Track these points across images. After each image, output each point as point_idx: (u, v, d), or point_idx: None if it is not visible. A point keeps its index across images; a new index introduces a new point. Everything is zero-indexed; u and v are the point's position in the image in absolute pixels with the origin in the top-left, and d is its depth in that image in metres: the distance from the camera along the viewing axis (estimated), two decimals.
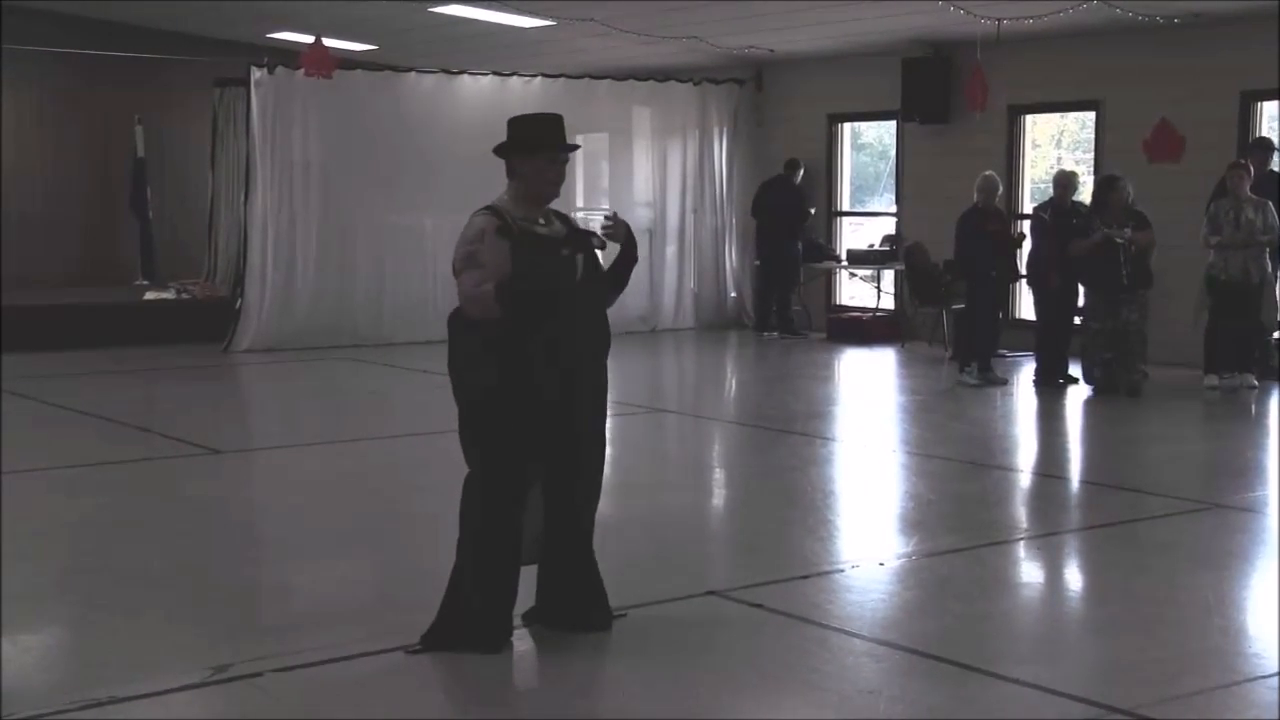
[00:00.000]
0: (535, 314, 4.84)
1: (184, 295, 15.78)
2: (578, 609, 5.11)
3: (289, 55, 15.13)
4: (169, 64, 17.25)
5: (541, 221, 5.00)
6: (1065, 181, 11.93)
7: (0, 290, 14.68)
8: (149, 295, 15.79)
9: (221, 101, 16.54)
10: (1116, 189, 11.31)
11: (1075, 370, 11.99)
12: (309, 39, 14.03)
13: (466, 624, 4.93)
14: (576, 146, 5.23)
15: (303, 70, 13.85)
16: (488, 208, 4.97)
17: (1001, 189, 12.36)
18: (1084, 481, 8.44)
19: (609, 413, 5.17)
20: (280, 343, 14.29)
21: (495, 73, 15.56)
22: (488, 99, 14.93)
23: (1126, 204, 11.31)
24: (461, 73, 15.42)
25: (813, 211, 16.03)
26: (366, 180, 14.69)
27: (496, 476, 4.90)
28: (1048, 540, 6.86)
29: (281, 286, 14.47)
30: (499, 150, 5.06)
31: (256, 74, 14.25)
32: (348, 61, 15.80)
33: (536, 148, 4.99)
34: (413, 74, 15.33)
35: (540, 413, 4.88)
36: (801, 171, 15.81)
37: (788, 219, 15.57)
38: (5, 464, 8.34)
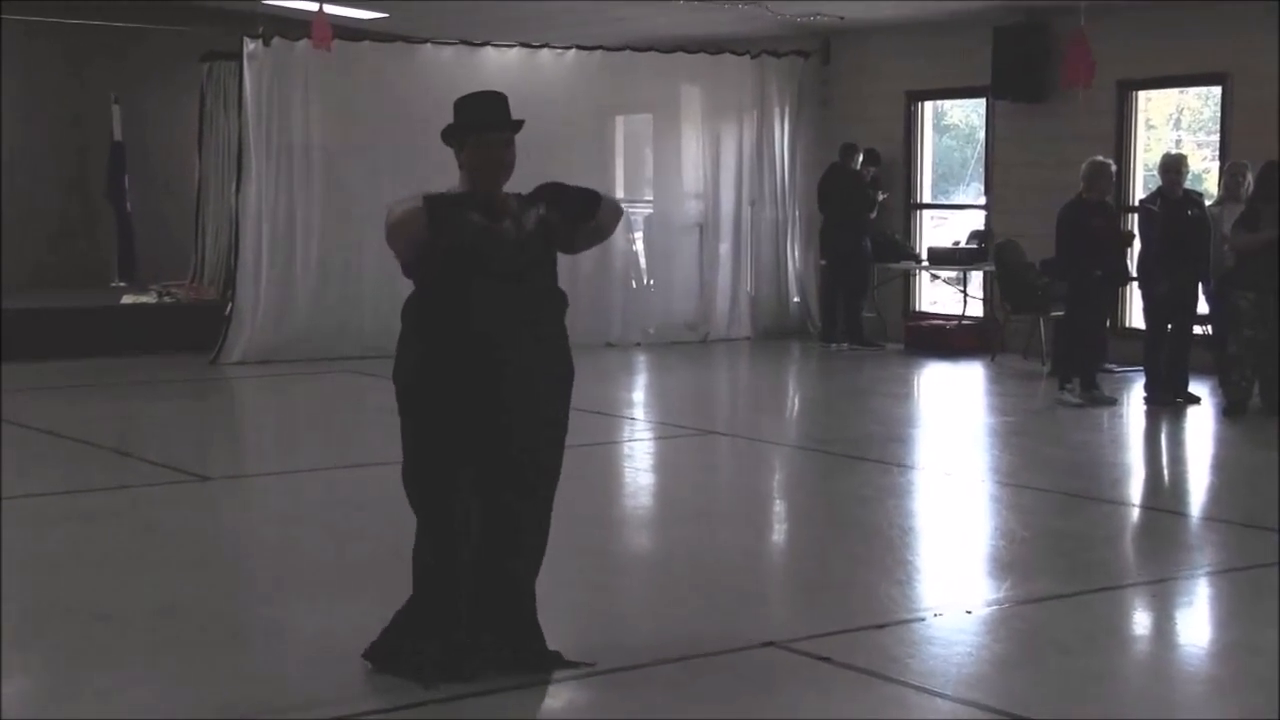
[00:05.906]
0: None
1: (167, 298, 15.90)
2: (505, 644, 5.18)
3: (287, 24, 15.23)
4: (150, 34, 17.39)
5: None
6: (1174, 166, 11.85)
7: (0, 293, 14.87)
8: (127, 298, 15.93)
9: (210, 77, 16.66)
10: None
11: (1195, 386, 11.92)
12: (311, 6, 14.13)
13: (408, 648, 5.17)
14: (511, 124, 5.17)
15: (311, 40, 13.91)
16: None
17: (1113, 178, 12.29)
18: (1205, 518, 8.38)
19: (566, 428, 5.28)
20: (276, 353, 14.38)
21: (523, 44, 15.64)
22: (515, 74, 14.96)
23: None
24: (484, 44, 15.49)
25: (882, 197, 15.87)
26: (376, 166, 14.74)
27: (421, 484, 5.13)
28: (1162, 586, 6.82)
29: (278, 288, 14.56)
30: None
31: (250, 46, 14.36)
32: (355, 31, 15.92)
33: (453, 132, 5.16)
34: (429, 45, 15.42)
35: (460, 413, 5.03)
36: (860, 157, 15.65)
37: (850, 212, 15.50)
38: None
